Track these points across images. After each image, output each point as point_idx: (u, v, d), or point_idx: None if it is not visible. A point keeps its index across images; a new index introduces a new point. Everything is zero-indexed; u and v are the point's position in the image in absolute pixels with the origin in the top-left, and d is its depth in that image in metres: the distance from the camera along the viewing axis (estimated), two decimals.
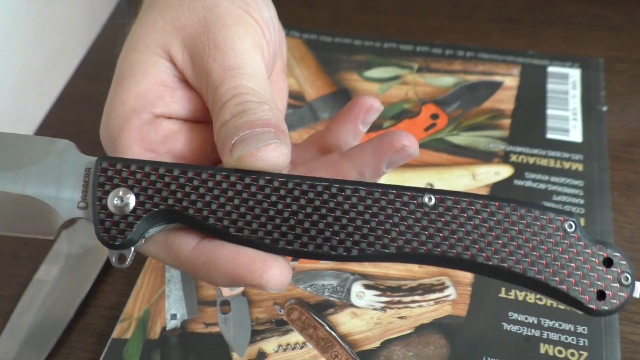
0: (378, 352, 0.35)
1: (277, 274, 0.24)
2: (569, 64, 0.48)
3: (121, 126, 0.27)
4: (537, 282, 0.23)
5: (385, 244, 0.24)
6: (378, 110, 0.29)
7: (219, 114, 0.26)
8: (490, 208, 0.24)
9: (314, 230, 0.24)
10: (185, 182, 0.24)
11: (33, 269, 0.41)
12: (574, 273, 0.23)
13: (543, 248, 0.23)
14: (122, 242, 0.24)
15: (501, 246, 0.23)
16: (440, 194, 0.24)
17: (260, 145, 0.24)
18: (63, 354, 0.37)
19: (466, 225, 0.24)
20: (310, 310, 0.37)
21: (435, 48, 0.51)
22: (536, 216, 0.24)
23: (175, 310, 0.37)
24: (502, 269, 0.23)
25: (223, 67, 0.26)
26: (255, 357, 0.35)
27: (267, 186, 0.24)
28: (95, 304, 0.39)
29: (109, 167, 0.25)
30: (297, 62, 0.51)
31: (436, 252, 0.23)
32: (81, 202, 0.25)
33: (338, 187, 0.24)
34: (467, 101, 0.47)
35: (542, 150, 0.43)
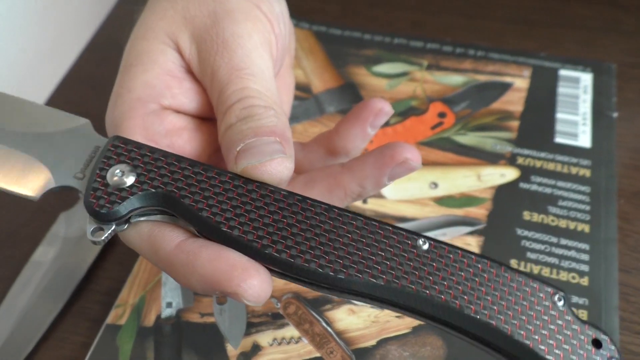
0: (374, 351, 0.34)
1: (256, 285, 0.22)
2: (581, 68, 0.48)
3: (126, 113, 0.27)
4: (525, 348, 0.22)
5: (374, 275, 0.23)
6: (388, 114, 0.29)
7: (225, 116, 0.26)
8: (482, 265, 0.23)
9: (305, 245, 0.23)
10: (190, 174, 0.24)
11: (30, 251, 0.40)
12: (562, 347, 0.22)
13: (532, 314, 0.23)
14: (107, 212, 0.23)
15: (490, 303, 0.23)
16: (434, 242, 0.24)
17: (265, 160, 0.24)
18: (57, 337, 0.37)
19: (457, 275, 0.23)
20: (307, 305, 0.36)
21: (446, 46, 0.50)
22: (526, 282, 0.23)
23: (171, 298, 0.37)
24: (489, 326, 0.22)
25: (230, 67, 0.26)
26: (249, 349, 0.35)
27: (268, 195, 0.24)
28: (91, 289, 0.39)
29: (120, 145, 0.25)
30: (305, 54, 0.50)
31: (424, 294, 0.23)
32: (79, 173, 0.25)
33: (337, 212, 0.24)
34: (476, 101, 0.46)
35: (550, 154, 0.42)
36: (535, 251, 0.37)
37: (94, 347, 0.35)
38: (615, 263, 0.37)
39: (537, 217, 0.39)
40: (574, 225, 0.39)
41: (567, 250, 0.37)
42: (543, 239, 0.38)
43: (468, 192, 0.41)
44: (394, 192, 0.41)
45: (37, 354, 0.36)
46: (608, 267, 0.37)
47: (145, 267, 0.39)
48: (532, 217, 0.39)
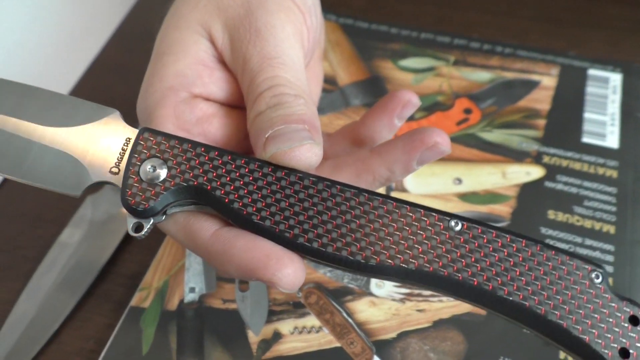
0: (394, 343, 0.34)
1: (290, 274, 0.23)
2: (611, 68, 0.47)
3: (158, 102, 0.27)
4: (558, 328, 0.22)
5: (406, 260, 0.23)
6: (415, 106, 0.29)
7: (254, 104, 0.26)
8: (517, 244, 0.23)
9: (335, 233, 0.24)
10: (219, 165, 0.24)
11: (57, 232, 0.41)
12: (598, 325, 0.22)
13: (567, 294, 0.22)
14: (144, 209, 0.24)
15: (524, 284, 0.22)
16: (467, 222, 0.23)
17: (294, 146, 0.24)
18: (81, 317, 0.37)
19: (490, 256, 0.23)
20: (329, 295, 0.36)
21: (473, 42, 0.50)
22: (563, 260, 0.23)
23: (194, 283, 0.38)
24: (522, 307, 0.22)
25: (262, 55, 0.26)
26: (270, 336, 0.35)
27: (297, 182, 0.24)
28: (115, 272, 0.39)
29: (149, 138, 0.25)
30: (331, 46, 0.50)
31: (456, 277, 0.23)
32: (114, 167, 0.25)
33: (367, 197, 0.24)
34: (503, 98, 0.46)
35: (577, 154, 0.42)
36: None
37: (117, 328, 0.36)
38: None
39: (562, 216, 0.39)
40: (600, 225, 0.38)
41: (591, 251, 0.37)
42: (567, 239, 0.38)
43: (492, 189, 0.41)
44: (417, 187, 0.41)
45: (62, 333, 0.37)
46: (633, 268, 0.36)
47: (169, 251, 0.39)
48: (556, 217, 0.39)
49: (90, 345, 0.36)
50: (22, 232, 0.42)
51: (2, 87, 0.27)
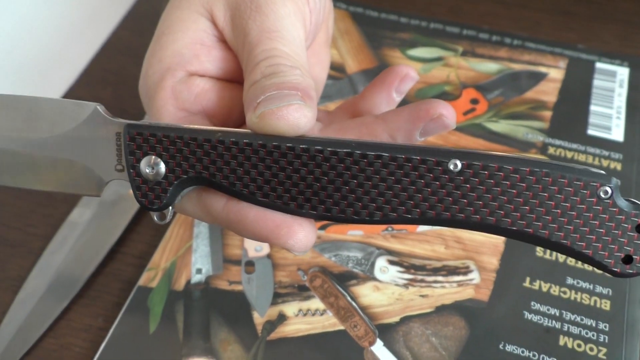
0: (397, 327, 0.35)
1: (302, 238, 0.24)
2: (618, 62, 0.47)
3: (157, 84, 0.27)
4: (562, 246, 0.23)
5: (408, 209, 0.24)
6: (413, 79, 0.29)
7: (250, 74, 0.26)
8: (520, 174, 0.22)
9: (337, 196, 0.24)
10: (209, 149, 0.24)
11: (67, 211, 0.42)
12: (602, 238, 0.23)
13: (572, 214, 0.23)
14: (159, 206, 0.26)
15: (527, 211, 0.23)
16: (467, 159, 0.23)
17: (282, 105, 0.24)
18: (90, 296, 0.38)
19: (492, 191, 0.23)
20: (333, 279, 0.37)
21: (482, 33, 0.50)
22: (569, 182, 0.22)
23: (201, 265, 0.38)
24: (526, 233, 0.23)
25: (261, 29, 0.26)
26: (275, 318, 0.36)
27: (289, 153, 0.24)
28: (124, 251, 0.40)
29: (136, 136, 0.25)
30: (340, 34, 0.51)
31: (459, 217, 0.23)
32: (117, 164, 0.26)
33: (360, 154, 0.24)
34: (510, 89, 0.46)
35: (582, 146, 0.42)
36: None
37: (125, 307, 0.36)
38: None
39: None
40: None
41: None
42: None
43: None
44: None
45: (71, 310, 0.37)
46: None
47: (177, 233, 0.40)
48: None
49: (98, 323, 0.37)
50: (33, 211, 0.42)
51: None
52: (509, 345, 0.34)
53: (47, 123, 0.26)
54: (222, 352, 0.35)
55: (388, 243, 0.38)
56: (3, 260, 0.40)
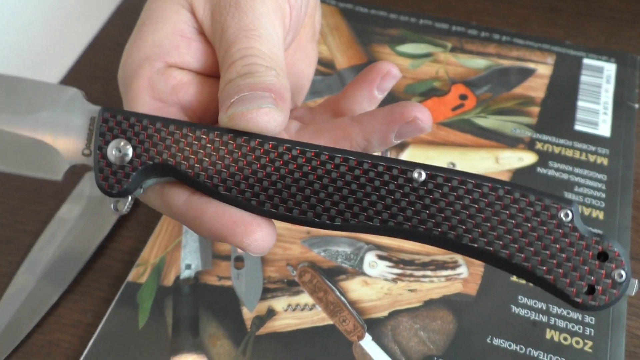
0: (385, 321, 0.35)
1: (259, 239, 0.24)
2: (605, 58, 0.48)
3: (134, 73, 0.27)
4: (523, 269, 0.22)
5: (370, 216, 0.23)
6: (395, 77, 0.29)
7: (226, 72, 0.26)
8: (483, 189, 0.22)
9: (299, 196, 0.24)
10: (179, 138, 0.25)
11: (55, 207, 0.41)
12: (564, 264, 0.22)
13: (534, 235, 0.22)
14: (118, 191, 0.25)
15: (489, 229, 0.22)
16: (431, 170, 0.23)
17: (252, 108, 0.24)
18: (79, 291, 0.38)
19: (455, 204, 0.23)
20: (322, 274, 0.37)
21: (471, 29, 0.50)
22: (531, 201, 0.22)
23: (190, 260, 0.38)
24: (487, 252, 0.22)
25: (239, 27, 0.26)
26: (264, 313, 0.36)
27: (257, 148, 0.24)
28: (113, 247, 0.40)
29: (110, 118, 0.25)
30: (330, 30, 0.51)
31: (421, 229, 0.23)
32: (85, 149, 0.26)
33: (327, 155, 0.24)
34: (498, 85, 0.46)
35: (569, 141, 0.43)
36: None
37: (115, 302, 0.36)
38: (627, 250, 0.37)
39: None
40: (589, 211, 0.39)
41: None
42: None
43: (485, 173, 0.41)
44: None
45: (60, 306, 0.37)
46: None
47: (166, 229, 0.40)
48: None
49: (87, 319, 0.37)
50: (21, 207, 0.42)
51: None
52: (496, 339, 0.34)
53: (26, 103, 0.26)
54: (211, 347, 0.35)
55: (377, 238, 0.39)
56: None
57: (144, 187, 0.26)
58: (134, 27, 0.29)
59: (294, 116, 0.31)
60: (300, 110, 0.31)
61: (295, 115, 0.31)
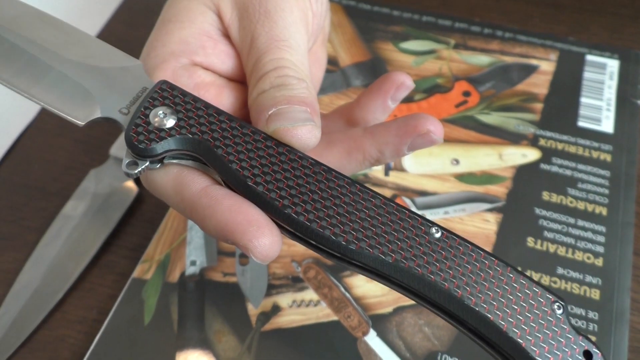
0: (390, 317, 0.35)
1: (267, 244, 0.23)
2: (608, 54, 0.48)
3: (157, 66, 0.28)
4: (517, 346, 0.23)
5: (384, 252, 0.24)
6: (409, 88, 0.29)
7: (258, 82, 0.26)
8: (488, 262, 0.24)
9: (322, 212, 0.24)
10: (227, 127, 0.25)
11: (60, 204, 0.42)
12: (554, 352, 0.23)
13: (530, 317, 0.23)
14: (144, 148, 0.24)
15: (491, 298, 0.23)
16: (446, 232, 0.24)
17: (297, 125, 0.25)
18: (84, 288, 0.38)
19: (463, 267, 0.23)
20: (327, 270, 0.37)
21: (474, 26, 0.50)
22: (529, 286, 0.23)
23: (195, 257, 0.38)
24: (486, 319, 0.23)
25: (270, 36, 0.27)
26: (269, 309, 0.36)
27: (296, 160, 0.25)
28: (118, 244, 0.40)
29: (167, 89, 0.26)
30: (333, 28, 0.51)
31: (429, 279, 0.23)
32: (124, 108, 0.26)
33: (358, 188, 0.25)
34: (501, 82, 0.46)
35: (572, 138, 0.43)
36: (552, 230, 0.38)
37: (120, 299, 0.37)
38: (630, 246, 0.37)
39: (556, 197, 0.40)
40: (592, 207, 0.39)
41: (583, 232, 0.38)
42: (561, 219, 0.39)
43: (489, 170, 0.41)
44: (415, 166, 0.42)
45: (65, 302, 0.37)
46: (623, 249, 0.37)
47: (171, 225, 0.40)
48: (551, 198, 0.40)
49: (93, 315, 0.37)
50: (26, 204, 0.42)
51: (42, 18, 0.28)
52: None
53: (87, 53, 0.27)
54: (216, 343, 0.35)
55: None
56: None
57: (164, 162, 0.25)
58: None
59: None
60: None
61: None
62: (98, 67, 0.27)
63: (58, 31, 0.27)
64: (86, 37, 0.28)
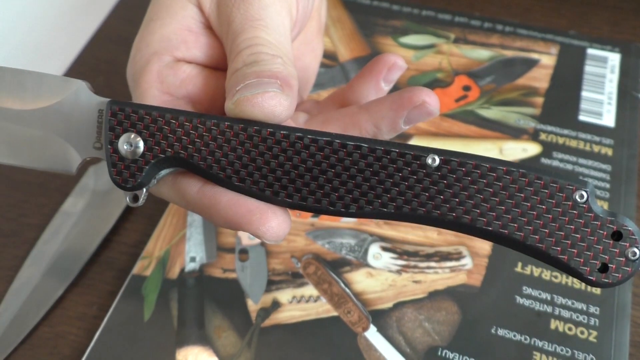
0: (390, 313, 0.35)
1: (274, 227, 0.24)
2: (609, 48, 0.47)
3: (143, 68, 0.27)
4: (538, 250, 0.23)
5: (384, 203, 0.23)
6: (401, 69, 0.29)
7: (232, 62, 0.26)
8: (497, 172, 0.22)
9: (313, 185, 0.24)
10: (190, 130, 0.25)
11: (60, 201, 0.41)
12: (578, 244, 0.22)
13: (548, 217, 0.22)
14: (133, 185, 0.25)
15: (503, 212, 0.23)
16: (445, 155, 0.23)
17: (258, 92, 0.24)
18: (84, 284, 0.38)
19: (469, 188, 0.23)
20: (327, 266, 0.37)
21: (474, 20, 0.50)
22: (545, 183, 0.22)
23: (195, 253, 0.38)
24: (501, 234, 0.23)
25: (245, 17, 0.26)
26: (269, 305, 0.36)
27: (269, 138, 0.24)
28: (118, 240, 0.40)
29: (118, 112, 0.25)
30: (332, 22, 0.51)
31: (435, 214, 0.23)
32: (96, 142, 0.26)
33: (340, 143, 0.24)
34: (501, 76, 0.46)
35: (573, 132, 0.43)
36: None
37: (120, 295, 0.36)
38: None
39: None
40: None
41: None
42: None
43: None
44: None
45: (65, 299, 0.37)
46: None
47: (170, 221, 0.40)
48: None
49: (93, 311, 0.37)
50: (25, 200, 0.42)
51: None
52: (501, 329, 0.34)
53: (32, 96, 0.26)
54: (216, 339, 0.35)
55: (381, 230, 0.39)
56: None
57: (157, 179, 0.26)
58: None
59: (301, 109, 0.31)
60: (307, 103, 0.31)
61: (302, 108, 0.31)
62: (51, 108, 0.26)
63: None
64: (17, 74, 0.26)
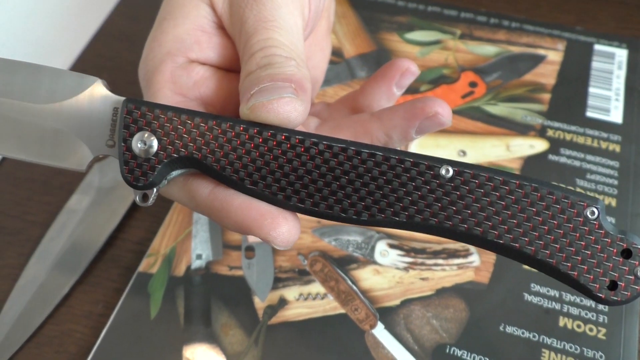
0: (397, 310, 0.35)
1: (285, 232, 0.24)
2: (617, 44, 0.47)
3: (156, 68, 0.27)
4: (548, 265, 0.23)
5: (396, 212, 0.23)
6: (414, 74, 0.29)
7: (246, 64, 0.26)
8: (510, 186, 0.23)
9: (326, 191, 0.24)
10: (205, 131, 0.24)
11: (65, 198, 0.41)
12: (588, 260, 0.22)
13: (559, 232, 0.23)
14: (144, 184, 0.25)
15: (515, 225, 0.23)
16: (459, 167, 0.23)
17: (273, 98, 0.24)
18: (90, 282, 0.38)
19: (481, 200, 0.23)
20: (333, 263, 0.37)
21: (480, 16, 0.50)
22: (557, 199, 0.23)
23: (201, 250, 0.38)
24: (512, 248, 0.23)
25: (258, 18, 0.26)
26: (276, 302, 0.36)
27: (284, 142, 0.24)
28: (123, 238, 0.40)
29: (134, 110, 0.25)
30: (338, 19, 0.50)
31: (447, 225, 0.23)
32: (109, 140, 0.26)
33: (354, 150, 0.24)
34: (508, 72, 0.46)
35: (580, 128, 0.42)
36: None
37: (126, 292, 0.36)
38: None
39: None
40: (601, 198, 0.39)
41: None
42: None
43: (496, 161, 0.41)
44: None
45: (71, 297, 0.37)
46: None
47: (176, 219, 0.40)
48: None
49: (99, 309, 0.37)
50: (30, 198, 0.42)
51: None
52: (509, 326, 0.34)
53: (46, 92, 0.26)
54: (223, 336, 0.35)
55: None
56: (1, 248, 0.40)
57: (168, 179, 0.26)
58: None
59: (312, 112, 0.30)
60: (318, 106, 0.31)
61: (312, 111, 0.31)
62: (66, 104, 0.26)
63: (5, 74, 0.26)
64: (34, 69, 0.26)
